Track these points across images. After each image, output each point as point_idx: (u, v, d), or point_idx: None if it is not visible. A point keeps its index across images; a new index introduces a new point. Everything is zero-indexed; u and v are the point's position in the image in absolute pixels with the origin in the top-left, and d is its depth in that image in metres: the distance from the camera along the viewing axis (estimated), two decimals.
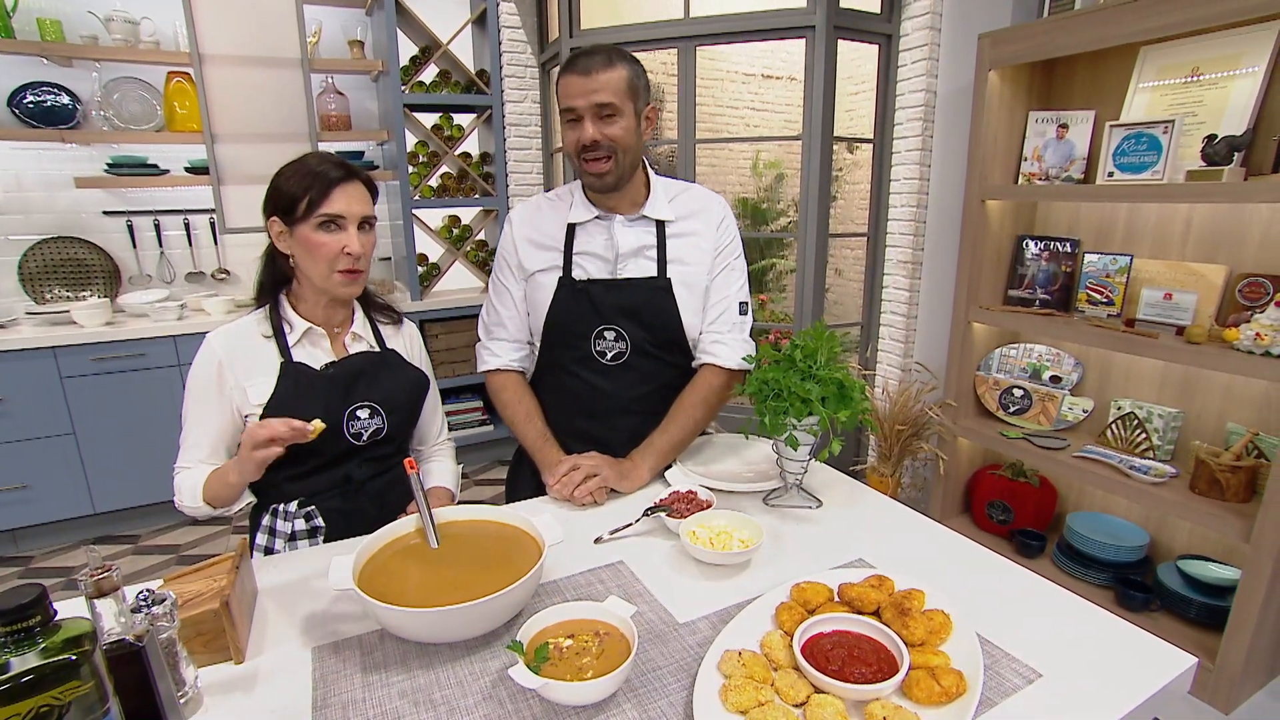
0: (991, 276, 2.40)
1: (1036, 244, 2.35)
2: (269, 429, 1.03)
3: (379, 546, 0.96)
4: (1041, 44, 2.08)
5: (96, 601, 0.65)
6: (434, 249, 3.55)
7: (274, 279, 1.26)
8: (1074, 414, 2.32)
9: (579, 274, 1.35)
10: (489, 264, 3.50)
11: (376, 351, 1.30)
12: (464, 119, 3.44)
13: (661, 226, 1.36)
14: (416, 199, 3.24)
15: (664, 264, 1.35)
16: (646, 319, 1.35)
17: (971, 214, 2.33)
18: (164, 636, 0.71)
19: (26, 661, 0.53)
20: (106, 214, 3.03)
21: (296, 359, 1.21)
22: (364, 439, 1.24)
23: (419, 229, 3.35)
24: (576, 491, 1.22)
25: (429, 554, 0.96)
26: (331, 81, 3.24)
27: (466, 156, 3.42)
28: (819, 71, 2.70)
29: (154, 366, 2.75)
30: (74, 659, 0.55)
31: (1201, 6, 1.72)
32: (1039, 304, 2.33)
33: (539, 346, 1.43)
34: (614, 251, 1.34)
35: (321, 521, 1.24)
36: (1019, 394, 2.41)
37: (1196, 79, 1.91)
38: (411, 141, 3.32)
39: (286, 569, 1.06)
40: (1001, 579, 1.01)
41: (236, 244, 3.26)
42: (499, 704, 0.76)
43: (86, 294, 3.00)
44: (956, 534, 1.13)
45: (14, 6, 2.65)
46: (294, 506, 1.23)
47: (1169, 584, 1.98)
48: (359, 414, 1.23)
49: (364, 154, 3.46)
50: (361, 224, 1.19)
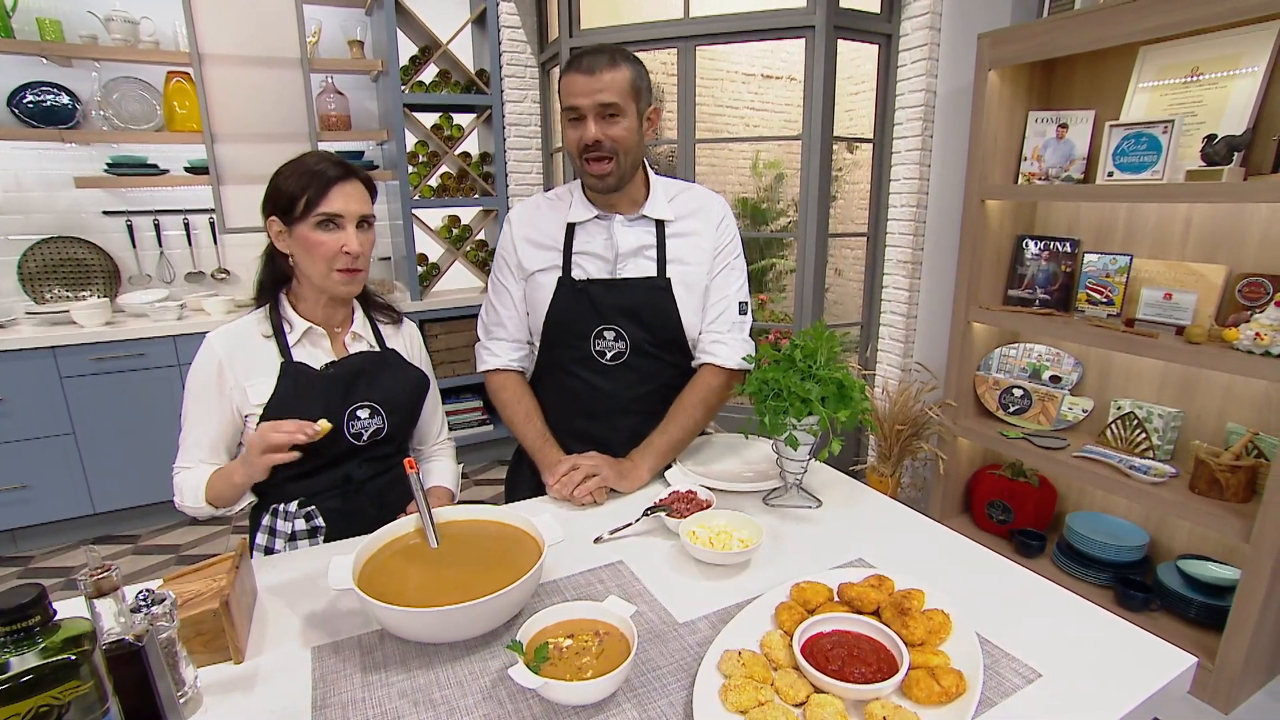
0: (991, 276, 2.40)
1: (1036, 244, 2.35)
2: (284, 435, 1.03)
3: (379, 546, 0.96)
4: (1041, 44, 2.08)
5: (96, 601, 0.65)
6: (434, 249, 3.55)
7: (274, 278, 1.26)
8: (1074, 414, 2.32)
9: (578, 274, 1.35)
10: (489, 264, 3.50)
11: (376, 351, 1.30)
12: (464, 119, 3.44)
13: (661, 226, 1.36)
14: (416, 199, 3.24)
15: (664, 264, 1.35)
16: (646, 319, 1.35)
17: (971, 214, 2.33)
18: (163, 636, 0.71)
19: (26, 661, 0.53)
20: (106, 214, 3.03)
21: (296, 359, 1.21)
22: (364, 439, 1.24)
23: (419, 229, 3.35)
24: (576, 491, 1.22)
25: (429, 554, 0.96)
26: (331, 81, 3.24)
27: (466, 156, 3.42)
28: (819, 71, 2.70)
29: (154, 366, 2.75)
30: (73, 659, 0.55)
31: (1201, 6, 1.72)
32: (1039, 304, 2.33)
33: (538, 346, 1.43)
34: (613, 251, 1.34)
35: (322, 521, 1.24)
36: (1019, 394, 2.41)
37: (1196, 79, 1.91)
38: (411, 141, 3.32)
39: (286, 569, 1.06)
40: (1001, 579, 1.01)
41: (236, 244, 3.26)
42: (499, 704, 0.76)
43: (86, 294, 3.00)
44: (956, 534, 1.13)
45: (13, 6, 2.65)
46: (294, 506, 1.23)
47: (1169, 584, 1.98)
48: (359, 414, 1.23)
49: (364, 154, 3.45)
50: (360, 223, 1.19)
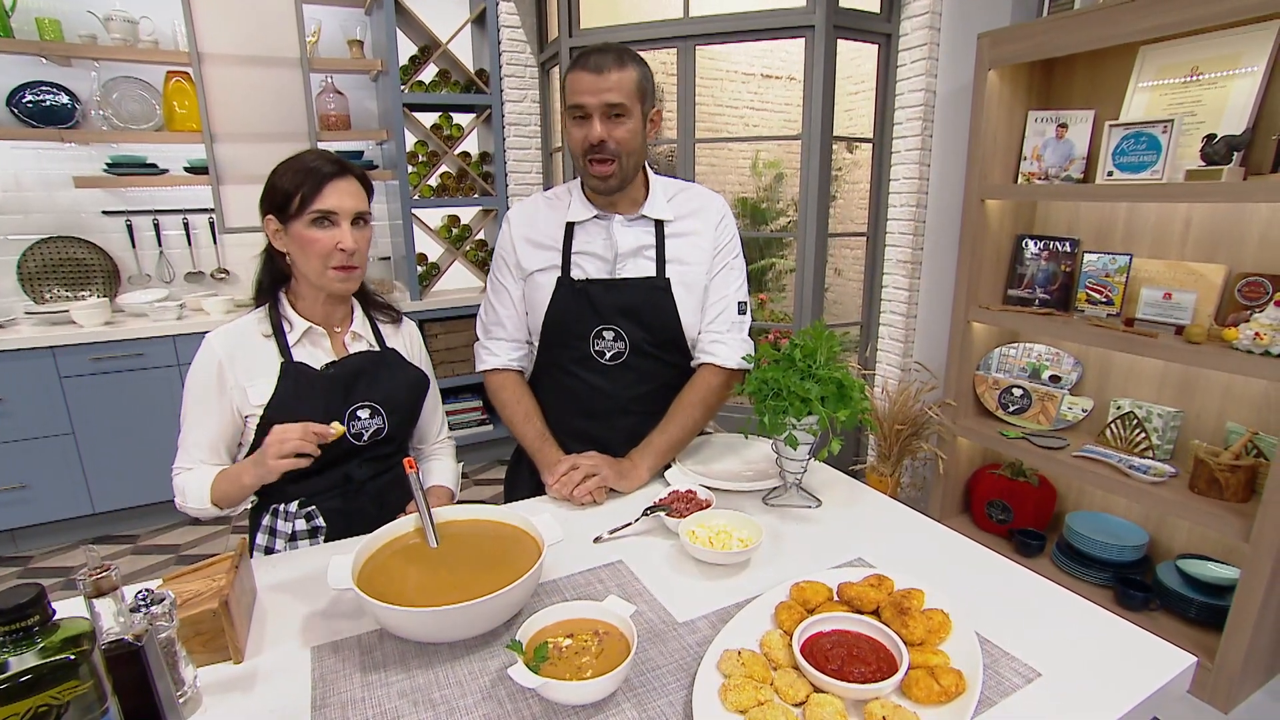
0: (991, 276, 2.40)
1: (1036, 243, 2.35)
2: (307, 445, 1.03)
3: (378, 546, 0.96)
4: (1041, 44, 2.08)
5: (95, 601, 0.65)
6: (433, 248, 3.55)
7: (272, 278, 1.26)
8: (1073, 413, 2.32)
9: (578, 274, 1.35)
10: (488, 264, 3.49)
11: (376, 351, 1.30)
12: (463, 118, 3.44)
13: (660, 226, 1.36)
14: (416, 198, 3.24)
15: (663, 264, 1.35)
16: (645, 319, 1.35)
17: (971, 213, 2.33)
18: (163, 636, 0.71)
19: (25, 661, 0.53)
20: (106, 214, 3.03)
21: (297, 359, 1.21)
22: (364, 439, 1.24)
23: (418, 229, 3.35)
24: (576, 491, 1.22)
25: (428, 553, 0.96)
26: (331, 81, 3.24)
27: (466, 156, 3.42)
28: (818, 71, 2.70)
29: (153, 366, 2.75)
30: (72, 659, 0.55)
31: (1200, 6, 1.72)
32: (1038, 303, 2.33)
33: (537, 346, 1.43)
34: (613, 251, 1.34)
35: (322, 521, 1.24)
36: (1018, 393, 2.41)
37: (1196, 79, 1.91)
38: (411, 141, 3.32)
39: (286, 569, 1.06)
40: (1001, 578, 1.01)
41: (236, 244, 3.26)
42: (498, 703, 0.76)
43: (85, 294, 3.00)
44: (956, 533, 1.13)
45: (13, 6, 2.65)
46: (294, 506, 1.23)
47: (1168, 583, 1.98)
48: (359, 414, 1.23)
49: (363, 154, 3.45)
50: (355, 220, 1.18)
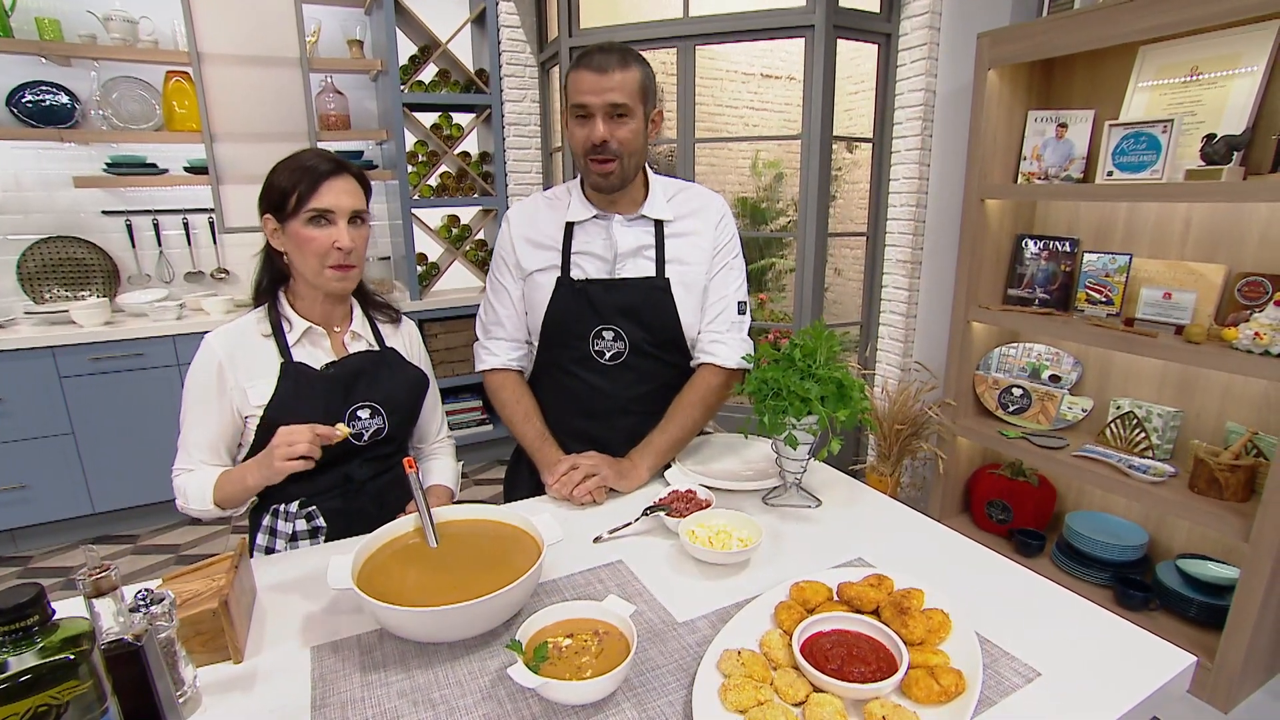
0: (991, 276, 2.40)
1: (1036, 243, 2.35)
2: (304, 445, 1.03)
3: (378, 546, 0.96)
4: (1040, 43, 2.08)
5: (95, 601, 0.65)
6: (433, 248, 3.55)
7: (271, 277, 1.25)
8: (1073, 413, 2.32)
9: (577, 274, 1.35)
10: (488, 263, 3.49)
11: (376, 350, 1.30)
12: (463, 118, 3.44)
13: (660, 226, 1.36)
14: (416, 198, 3.24)
15: (662, 264, 1.35)
16: (645, 319, 1.35)
17: (971, 213, 2.33)
18: (162, 636, 0.71)
19: (24, 661, 0.53)
20: (105, 213, 3.03)
21: (296, 359, 1.21)
22: (365, 439, 1.24)
23: (418, 228, 3.34)
24: (575, 491, 1.22)
25: (428, 553, 0.96)
26: (330, 81, 3.23)
27: (466, 156, 3.42)
28: (818, 71, 2.70)
29: (153, 366, 2.75)
30: (72, 658, 0.55)
31: (1200, 6, 1.72)
32: (1038, 303, 2.33)
33: (537, 346, 1.43)
34: (612, 251, 1.34)
35: (323, 522, 1.24)
36: (1018, 393, 2.41)
37: (1195, 78, 1.91)
38: (411, 141, 3.32)
39: (285, 568, 1.06)
40: (1001, 578, 1.01)
41: (235, 243, 3.26)
42: (498, 703, 0.76)
43: (85, 294, 3.00)
44: (956, 533, 1.13)
45: (12, 6, 2.65)
46: (295, 507, 1.23)
47: (1168, 583, 1.98)
48: (360, 414, 1.23)
49: (363, 153, 3.45)
50: (353, 218, 1.18)
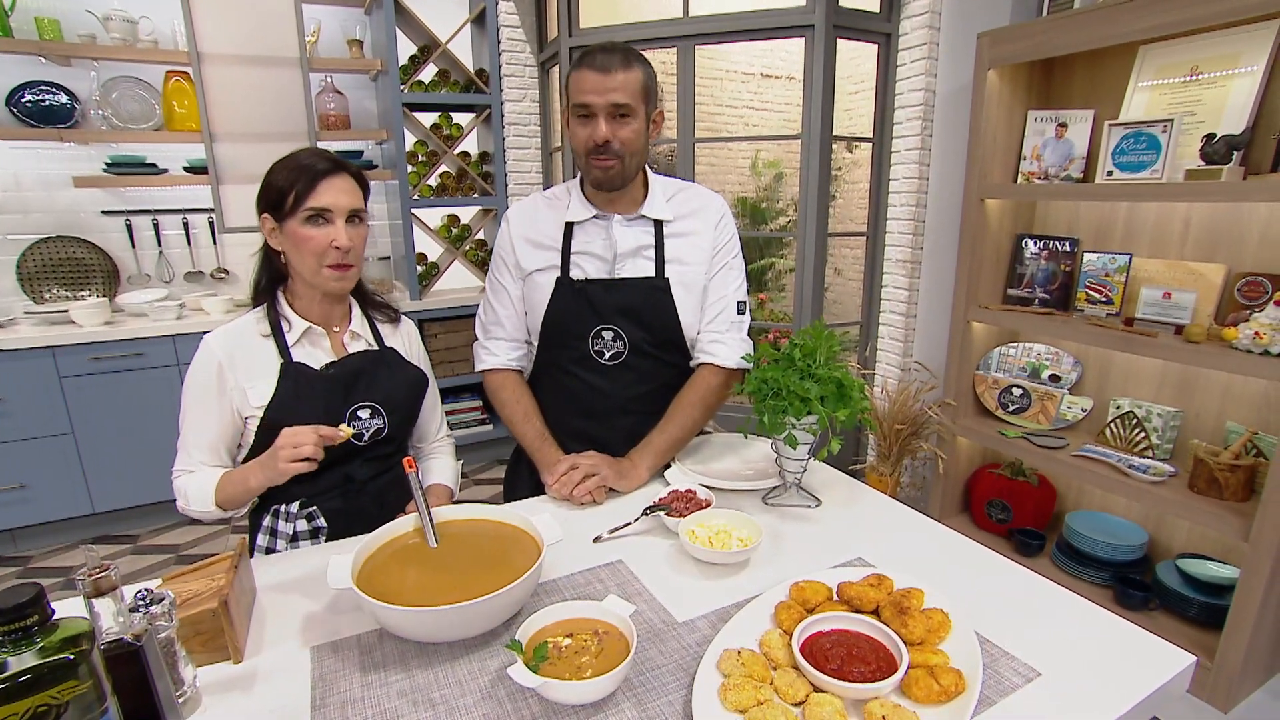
0: (991, 275, 2.40)
1: (1036, 243, 2.35)
2: (310, 448, 1.03)
3: (378, 545, 0.96)
4: (1040, 43, 2.08)
5: (94, 601, 0.65)
6: (433, 248, 3.55)
7: (270, 277, 1.25)
8: (1073, 413, 2.32)
9: (577, 274, 1.35)
10: (488, 263, 3.49)
11: (375, 350, 1.30)
12: (463, 118, 3.44)
13: (660, 226, 1.36)
14: (415, 198, 3.24)
15: (662, 264, 1.35)
16: (645, 319, 1.35)
17: (971, 213, 2.33)
18: (162, 636, 0.71)
19: (24, 661, 0.53)
20: (105, 213, 3.03)
21: (296, 359, 1.21)
22: (365, 439, 1.24)
23: (418, 228, 3.34)
24: (575, 491, 1.22)
25: (428, 553, 0.96)
26: (330, 81, 3.23)
27: (465, 156, 3.42)
28: (818, 71, 2.70)
29: (153, 366, 2.75)
30: (72, 658, 0.55)
31: (1200, 6, 1.72)
32: (1038, 303, 2.33)
33: (536, 346, 1.43)
34: (612, 251, 1.34)
35: (324, 522, 1.24)
36: (1018, 393, 2.41)
37: (1195, 78, 1.91)
38: (410, 141, 3.32)
39: (285, 568, 1.06)
40: (1000, 578, 1.01)
41: (235, 243, 3.26)
42: (498, 703, 0.76)
43: (85, 293, 3.00)
44: (955, 533, 1.13)
45: (12, 5, 2.65)
46: (296, 507, 1.23)
47: (1168, 583, 1.98)
48: (360, 414, 1.23)
49: (363, 153, 3.45)
50: (350, 217, 1.17)
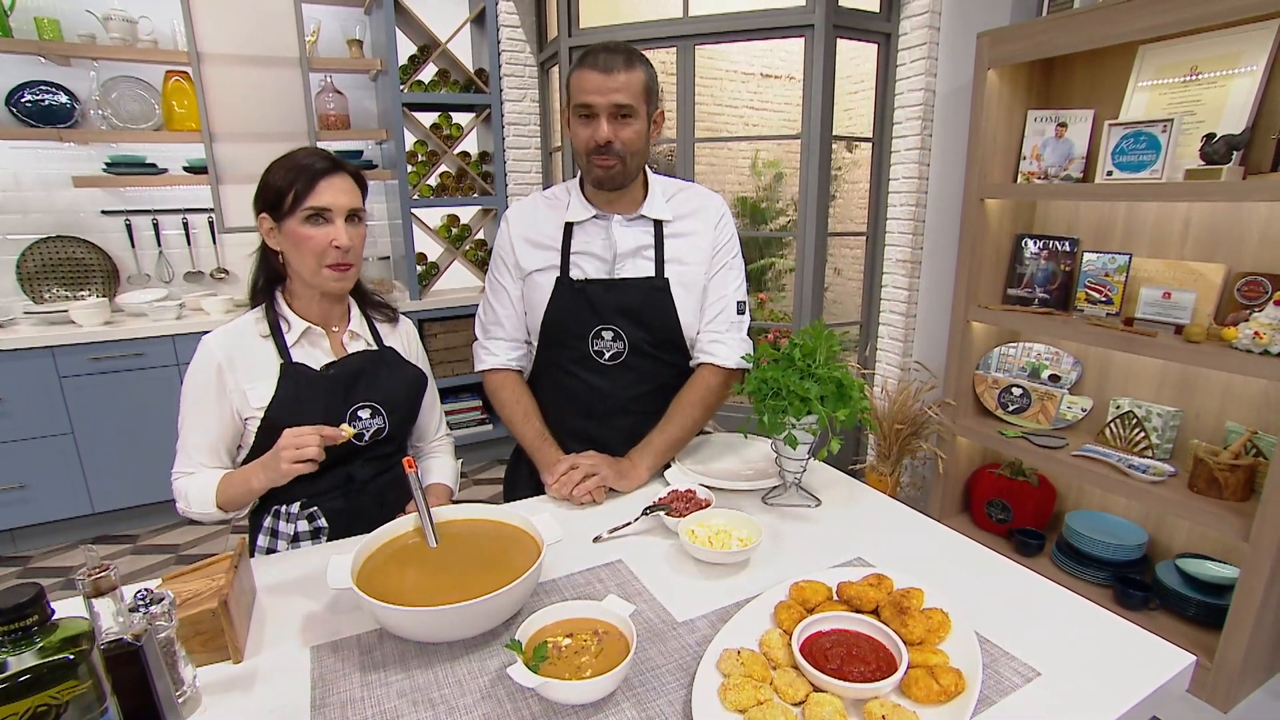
0: (990, 275, 2.40)
1: (1035, 243, 2.35)
2: (313, 449, 1.03)
3: (377, 545, 0.96)
4: (1040, 43, 2.08)
5: (94, 601, 0.65)
6: (433, 248, 3.55)
7: (268, 277, 1.25)
8: (1073, 413, 2.32)
9: (576, 274, 1.35)
10: (488, 263, 3.50)
11: (375, 350, 1.30)
12: (463, 118, 3.44)
13: (659, 226, 1.36)
14: (415, 198, 3.24)
15: (662, 264, 1.35)
16: (644, 319, 1.35)
17: (970, 213, 2.33)
18: (162, 636, 0.71)
19: (24, 661, 0.53)
20: (105, 213, 3.03)
21: (295, 359, 1.21)
22: (365, 439, 1.24)
23: (418, 228, 3.34)
24: (575, 490, 1.22)
25: (427, 553, 0.96)
26: (330, 80, 3.23)
27: (465, 155, 3.42)
28: (818, 70, 2.70)
29: (152, 366, 2.75)
30: (71, 658, 0.55)
31: (1200, 5, 1.72)
32: (1038, 303, 2.33)
33: (536, 346, 1.43)
34: (612, 251, 1.34)
35: (324, 522, 1.24)
36: (1018, 393, 2.41)
37: (1195, 78, 1.91)
38: (410, 141, 3.32)
39: (285, 568, 1.06)
40: (1000, 578, 1.01)
41: (235, 243, 3.26)
42: (498, 703, 0.76)
43: (85, 293, 3.00)
44: (955, 533, 1.13)
45: (11, 5, 2.65)
46: (296, 507, 1.23)
47: (1168, 582, 1.98)
48: (360, 414, 1.23)
49: (363, 153, 3.45)
50: (349, 216, 1.17)
